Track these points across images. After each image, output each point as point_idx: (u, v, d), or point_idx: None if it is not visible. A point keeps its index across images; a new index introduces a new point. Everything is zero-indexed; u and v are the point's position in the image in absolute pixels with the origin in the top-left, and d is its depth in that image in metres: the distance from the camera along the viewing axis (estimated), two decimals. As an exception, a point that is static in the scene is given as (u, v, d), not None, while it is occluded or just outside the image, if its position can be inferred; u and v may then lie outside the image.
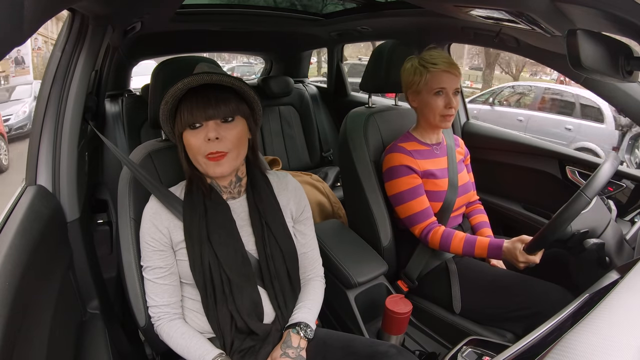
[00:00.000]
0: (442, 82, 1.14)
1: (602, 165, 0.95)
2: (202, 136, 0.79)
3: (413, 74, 1.18)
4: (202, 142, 0.80)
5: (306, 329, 0.88)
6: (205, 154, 0.80)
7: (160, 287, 0.86)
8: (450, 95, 1.15)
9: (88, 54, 1.00)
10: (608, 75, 0.66)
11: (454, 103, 1.15)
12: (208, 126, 0.80)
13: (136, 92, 2.32)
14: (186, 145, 0.82)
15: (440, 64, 1.14)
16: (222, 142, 0.80)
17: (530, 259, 1.00)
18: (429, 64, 1.15)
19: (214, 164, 0.81)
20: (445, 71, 1.14)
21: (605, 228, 1.00)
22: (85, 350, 0.87)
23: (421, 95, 1.18)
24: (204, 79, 0.78)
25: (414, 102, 1.22)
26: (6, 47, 0.40)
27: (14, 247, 0.67)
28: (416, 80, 1.17)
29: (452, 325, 1.16)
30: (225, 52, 9.28)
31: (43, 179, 0.94)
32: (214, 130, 0.79)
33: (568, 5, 0.75)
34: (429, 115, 1.18)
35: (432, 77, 1.15)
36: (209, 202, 0.86)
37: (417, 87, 1.18)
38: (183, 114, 0.80)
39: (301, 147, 2.57)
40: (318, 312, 0.95)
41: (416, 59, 1.19)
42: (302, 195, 0.97)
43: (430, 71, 1.15)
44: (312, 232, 0.99)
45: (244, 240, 0.88)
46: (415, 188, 1.18)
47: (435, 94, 1.15)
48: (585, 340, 0.44)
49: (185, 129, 0.81)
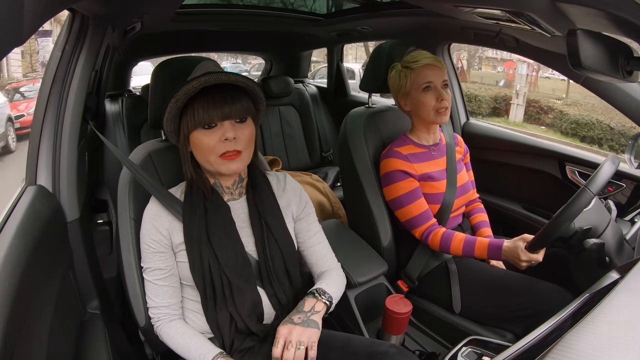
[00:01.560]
0: (427, 76, 1.15)
1: (603, 163, 0.95)
2: (218, 136, 0.79)
3: (399, 78, 1.19)
4: (217, 142, 0.79)
5: (324, 294, 0.86)
6: (219, 154, 0.79)
7: (160, 289, 0.86)
8: (439, 88, 1.15)
9: (88, 54, 1.00)
10: (608, 75, 0.66)
11: (445, 95, 1.15)
12: (224, 126, 0.79)
13: (136, 92, 2.32)
14: (197, 145, 0.80)
15: (421, 60, 1.15)
16: (237, 141, 0.79)
17: (533, 257, 0.99)
18: (410, 63, 1.17)
19: (228, 161, 0.80)
20: (428, 65, 1.15)
21: (605, 228, 1.00)
22: (85, 350, 0.87)
23: (411, 96, 1.18)
24: (221, 78, 0.77)
25: (405, 105, 1.22)
26: (6, 47, 0.40)
27: (14, 247, 0.67)
28: (403, 83, 1.18)
29: (452, 325, 1.16)
30: (225, 52, 9.27)
31: (43, 179, 0.94)
32: (231, 130, 0.78)
33: (568, 5, 0.75)
34: (423, 113, 1.18)
35: (416, 74, 1.15)
36: (209, 204, 0.86)
37: (405, 89, 1.18)
38: (196, 113, 0.78)
39: (301, 147, 2.57)
40: (339, 292, 0.92)
41: (398, 64, 1.21)
42: (302, 194, 0.97)
43: (413, 69, 1.16)
44: (317, 226, 0.98)
45: (243, 241, 0.88)
46: (412, 192, 1.17)
47: (423, 90, 1.15)
48: (585, 340, 0.44)
49: (197, 129, 0.79)
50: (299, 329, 0.79)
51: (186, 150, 0.84)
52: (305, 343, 0.78)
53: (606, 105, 1.25)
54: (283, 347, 0.77)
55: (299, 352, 0.76)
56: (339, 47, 2.51)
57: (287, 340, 0.78)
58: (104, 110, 2.01)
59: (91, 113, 1.51)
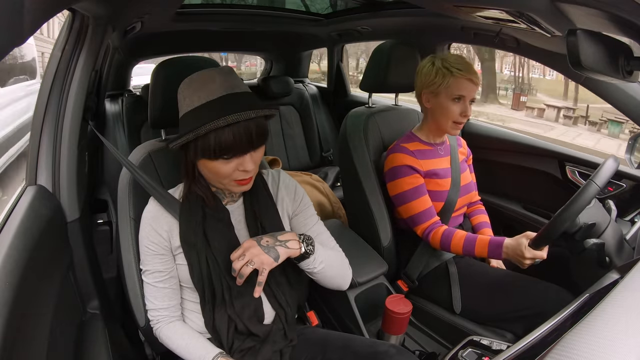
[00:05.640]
0: (463, 89, 1.11)
1: (605, 160, 0.95)
2: (235, 165, 0.76)
3: (435, 75, 1.14)
4: (234, 170, 0.77)
5: (308, 240, 0.83)
6: (234, 179, 0.78)
7: (159, 291, 0.86)
8: (467, 103, 1.13)
9: (88, 54, 1.00)
10: (608, 75, 0.66)
11: (469, 112, 1.13)
12: (244, 158, 0.76)
13: (136, 92, 2.32)
14: (212, 170, 0.77)
15: (464, 71, 1.11)
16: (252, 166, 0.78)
17: (537, 255, 0.97)
18: (454, 68, 1.11)
19: (241, 185, 0.80)
20: (469, 79, 1.11)
21: (605, 228, 1.00)
22: (85, 350, 0.87)
23: (439, 98, 1.15)
24: (249, 115, 0.72)
25: (428, 102, 1.18)
26: (6, 47, 0.40)
27: (14, 247, 0.67)
28: (437, 82, 1.13)
29: (452, 325, 1.16)
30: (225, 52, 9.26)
31: (43, 179, 0.94)
32: (250, 162, 0.76)
33: (568, 5, 0.75)
34: (442, 120, 1.16)
35: (455, 81, 1.11)
36: (208, 210, 0.85)
37: (437, 89, 1.14)
38: (215, 147, 0.73)
39: (301, 147, 2.57)
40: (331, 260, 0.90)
41: (439, 59, 1.15)
42: (297, 190, 0.95)
43: (454, 76, 1.11)
44: (315, 219, 0.96)
45: (241, 243, 0.87)
46: (417, 188, 1.17)
47: (453, 99, 1.13)
48: (585, 340, 0.44)
49: (217, 159, 0.75)
50: (257, 249, 0.77)
51: (191, 168, 0.82)
52: (256, 265, 0.76)
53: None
54: (238, 257, 0.77)
55: (246, 267, 0.76)
56: (339, 47, 2.51)
57: (244, 252, 0.77)
58: (104, 110, 2.01)
59: (91, 113, 1.52)
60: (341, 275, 0.94)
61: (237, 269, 0.76)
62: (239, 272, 0.76)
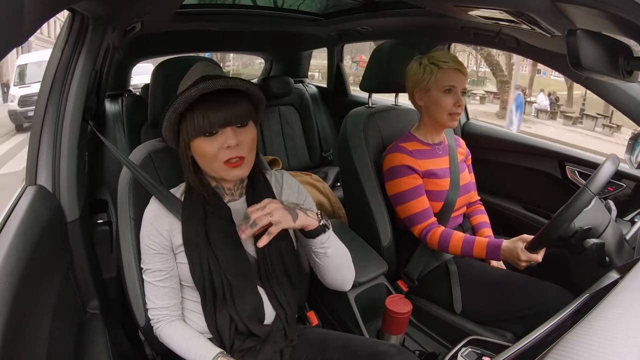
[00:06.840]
0: (452, 80, 1.15)
1: (603, 163, 0.95)
2: (219, 143, 0.77)
3: (422, 72, 1.17)
4: (219, 149, 0.78)
5: (325, 218, 0.83)
6: (223, 161, 0.78)
7: (160, 290, 0.86)
8: (459, 93, 1.16)
9: (88, 54, 1.00)
10: (608, 75, 0.66)
11: (462, 102, 1.16)
12: (226, 133, 0.77)
13: (136, 92, 2.32)
14: (199, 152, 0.79)
15: (451, 62, 1.15)
16: (240, 147, 0.78)
17: (533, 258, 0.99)
18: (440, 62, 1.15)
19: (232, 168, 0.79)
20: (456, 69, 1.15)
21: (605, 228, 1.00)
22: (85, 350, 0.87)
23: (430, 93, 1.18)
24: (220, 84, 0.75)
25: (420, 100, 1.21)
26: (6, 47, 0.40)
27: (14, 247, 0.67)
28: (426, 78, 1.17)
29: (452, 325, 1.16)
30: (225, 52, 9.27)
31: (43, 179, 0.93)
32: (233, 137, 0.77)
33: (568, 5, 0.75)
34: (437, 114, 1.18)
35: (443, 74, 1.15)
36: (209, 207, 0.85)
37: (427, 85, 1.17)
38: (196, 120, 0.76)
39: (301, 147, 2.57)
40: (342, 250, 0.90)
41: (425, 58, 1.19)
42: (300, 190, 0.96)
43: (442, 68, 1.15)
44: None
45: (242, 241, 0.88)
46: (415, 188, 1.17)
47: (445, 91, 1.15)
48: (585, 340, 0.44)
49: (199, 137, 0.78)
50: (279, 204, 0.77)
51: (187, 156, 0.82)
52: (274, 217, 0.75)
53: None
54: (259, 208, 0.76)
55: (264, 218, 0.74)
56: (339, 47, 2.51)
57: (266, 205, 0.76)
58: (104, 110, 2.01)
59: (91, 113, 1.52)
60: (348, 268, 0.94)
61: (254, 218, 0.74)
62: (253, 220, 0.74)
